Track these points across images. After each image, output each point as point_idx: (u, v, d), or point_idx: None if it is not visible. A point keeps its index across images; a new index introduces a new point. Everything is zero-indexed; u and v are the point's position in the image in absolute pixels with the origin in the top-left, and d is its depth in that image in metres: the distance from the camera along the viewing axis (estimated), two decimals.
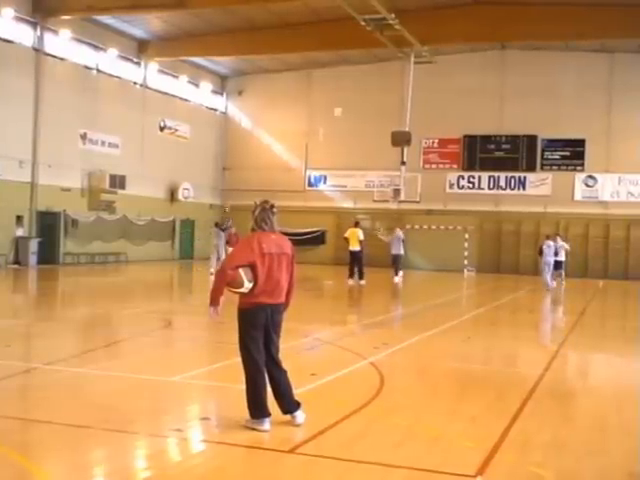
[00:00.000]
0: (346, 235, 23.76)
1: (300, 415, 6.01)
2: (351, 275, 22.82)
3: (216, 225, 25.82)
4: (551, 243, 23.75)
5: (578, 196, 33.40)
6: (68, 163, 27.75)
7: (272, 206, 6.07)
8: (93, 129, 29.14)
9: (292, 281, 6.17)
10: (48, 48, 27.06)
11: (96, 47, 29.47)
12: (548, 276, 23.33)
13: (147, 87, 32.62)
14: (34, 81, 26.46)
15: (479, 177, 34.65)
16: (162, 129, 33.81)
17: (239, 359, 6.04)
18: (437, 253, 33.81)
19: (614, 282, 29.88)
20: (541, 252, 23.66)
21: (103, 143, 29.82)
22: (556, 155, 33.73)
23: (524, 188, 34.05)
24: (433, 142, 35.12)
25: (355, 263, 22.90)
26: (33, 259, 25.90)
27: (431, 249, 33.88)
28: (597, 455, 5.67)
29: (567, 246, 25.32)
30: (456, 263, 33.17)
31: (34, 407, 6.72)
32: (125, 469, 5.04)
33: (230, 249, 25.50)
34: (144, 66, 32.34)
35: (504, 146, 34.27)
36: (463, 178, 34.87)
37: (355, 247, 22.93)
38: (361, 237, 23.20)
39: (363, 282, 22.49)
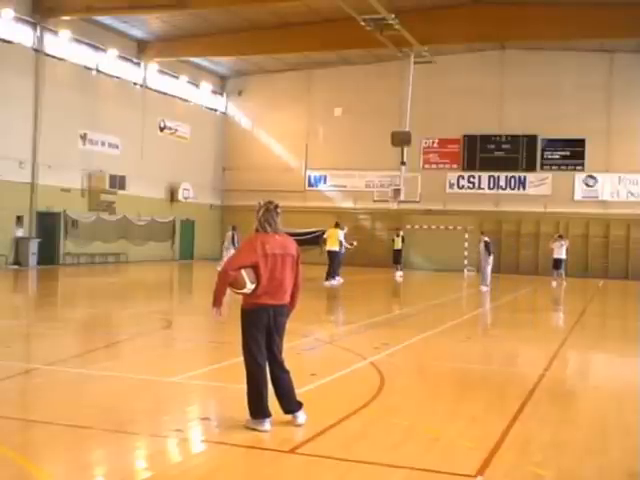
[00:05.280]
0: (325, 236, 23.60)
1: (302, 415, 6.00)
2: (333, 276, 22.52)
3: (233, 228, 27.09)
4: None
5: (578, 196, 33.40)
6: (68, 163, 27.74)
7: (276, 207, 6.02)
8: (93, 129, 29.13)
9: (297, 282, 6.10)
10: (48, 48, 27.05)
11: (96, 47, 29.47)
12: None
13: (147, 87, 32.61)
14: (34, 81, 26.45)
15: (479, 177, 34.64)
16: (162, 129, 33.81)
17: (239, 359, 6.04)
18: (437, 253, 33.79)
19: (614, 282, 29.89)
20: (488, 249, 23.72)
21: (103, 143, 29.81)
22: (556, 155, 33.72)
23: (524, 188, 34.04)
24: (433, 142, 35.12)
25: (331, 263, 22.59)
26: (33, 259, 25.88)
27: (431, 249, 33.88)
28: (597, 455, 5.67)
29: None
30: (456, 263, 33.14)
31: (34, 407, 6.71)
32: (125, 469, 5.04)
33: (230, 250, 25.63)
34: (144, 66, 32.33)
35: (504, 146, 34.26)
36: (463, 178, 34.86)
37: (333, 247, 22.70)
38: (341, 238, 22.97)
39: (334, 282, 22.10)
